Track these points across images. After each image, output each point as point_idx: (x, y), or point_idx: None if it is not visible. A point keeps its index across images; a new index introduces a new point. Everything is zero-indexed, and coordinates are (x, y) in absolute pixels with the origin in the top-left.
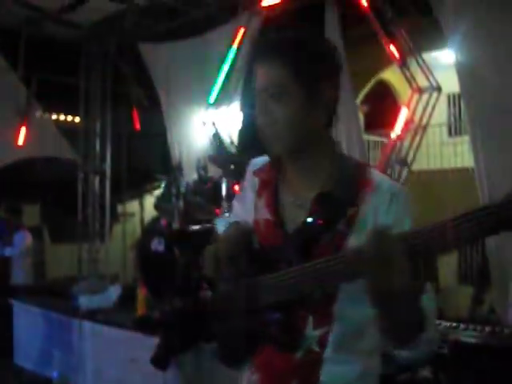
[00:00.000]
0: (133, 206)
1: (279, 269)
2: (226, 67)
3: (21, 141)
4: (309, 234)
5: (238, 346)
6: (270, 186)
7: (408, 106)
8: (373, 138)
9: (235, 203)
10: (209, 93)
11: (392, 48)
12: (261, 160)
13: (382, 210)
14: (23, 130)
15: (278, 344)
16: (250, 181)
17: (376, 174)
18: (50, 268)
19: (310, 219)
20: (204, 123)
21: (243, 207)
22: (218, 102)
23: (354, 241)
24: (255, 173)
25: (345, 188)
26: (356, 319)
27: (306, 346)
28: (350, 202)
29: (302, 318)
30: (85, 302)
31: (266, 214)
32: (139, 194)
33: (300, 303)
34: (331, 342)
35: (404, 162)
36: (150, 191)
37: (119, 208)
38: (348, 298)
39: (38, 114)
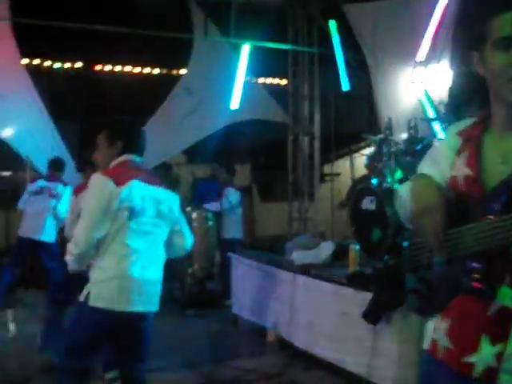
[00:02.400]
0: (339, 166)
1: (478, 221)
2: (434, 24)
3: (234, 105)
4: None
5: (440, 295)
6: (474, 146)
7: None
8: None
9: (425, 162)
10: (416, 51)
11: None
12: (464, 122)
13: None
14: (236, 94)
15: (476, 291)
16: (450, 141)
17: None
18: (259, 226)
19: None
20: (412, 82)
21: (434, 164)
22: (426, 60)
23: None
24: (459, 133)
25: None
26: None
27: (500, 301)
28: None
29: (502, 269)
30: (299, 257)
31: (466, 171)
32: (347, 154)
33: (502, 254)
34: None
35: None
36: (357, 151)
37: (326, 168)
38: None
39: (248, 78)
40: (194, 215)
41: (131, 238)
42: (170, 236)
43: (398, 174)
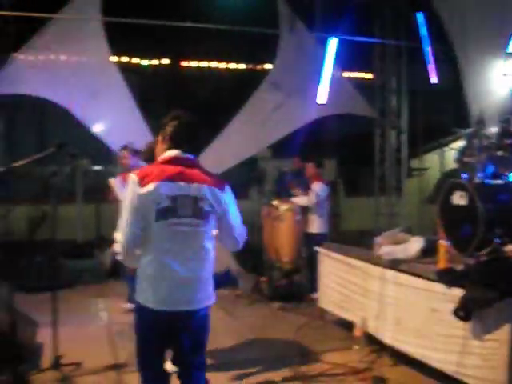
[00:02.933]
0: (427, 160)
1: None
2: None
3: (321, 99)
4: None
5: None
6: None
7: None
8: None
9: None
10: (506, 42)
11: None
12: None
13: None
14: (323, 89)
15: None
16: None
17: None
18: (344, 221)
19: None
20: (504, 74)
21: None
22: None
23: None
24: None
25: None
26: None
27: None
28: None
29: None
30: (388, 252)
31: None
32: (435, 148)
33: None
34: None
35: None
36: (446, 145)
37: (413, 163)
38: None
39: (335, 72)
40: (281, 209)
41: (162, 238)
42: (220, 230)
43: (490, 169)
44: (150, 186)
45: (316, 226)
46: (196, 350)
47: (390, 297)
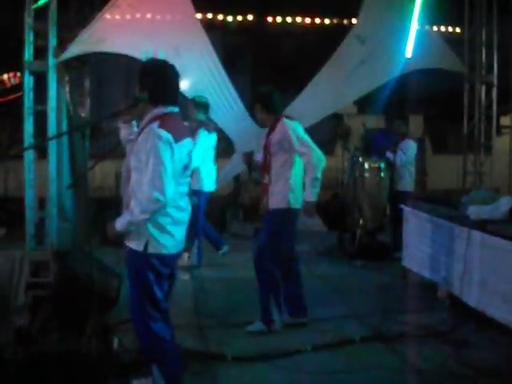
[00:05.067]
0: None
1: None
2: None
3: (408, 53)
4: None
5: None
6: None
7: None
8: None
9: None
10: None
11: None
12: None
13: None
14: (410, 43)
15: None
16: None
17: None
18: (431, 179)
19: None
20: None
21: None
22: None
23: None
24: None
25: None
26: None
27: None
28: None
29: None
30: (475, 212)
31: None
32: None
33: None
34: None
35: None
36: None
37: (503, 120)
38: None
39: (422, 26)
40: (366, 166)
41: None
42: None
43: None
44: (182, 143)
45: (403, 183)
46: None
47: (476, 258)
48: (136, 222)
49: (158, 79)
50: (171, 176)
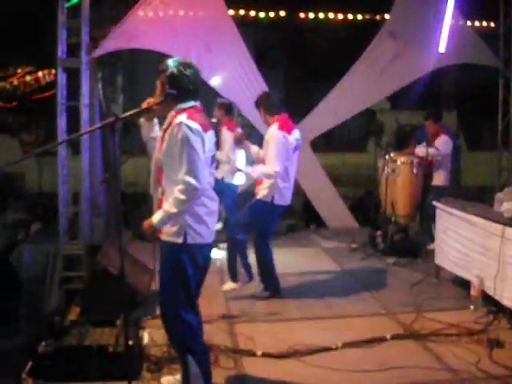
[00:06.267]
0: None
1: None
2: None
3: (441, 48)
4: None
5: None
6: None
7: None
8: None
9: None
10: None
11: None
12: None
13: None
14: (443, 37)
15: None
16: None
17: None
18: (465, 175)
19: None
20: None
21: None
22: None
23: None
24: None
25: None
26: None
27: None
28: None
29: None
30: (509, 208)
31: None
32: None
33: None
34: None
35: None
36: None
37: None
38: None
39: (456, 20)
40: (398, 162)
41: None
42: None
43: None
44: (209, 134)
45: (437, 179)
46: None
47: (510, 256)
48: (177, 214)
49: (182, 76)
50: (204, 165)
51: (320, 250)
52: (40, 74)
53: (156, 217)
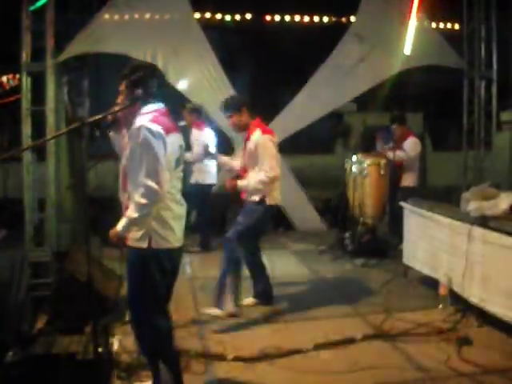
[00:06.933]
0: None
1: None
2: None
3: (408, 50)
4: None
5: None
6: None
7: None
8: None
9: None
10: None
11: None
12: None
13: None
14: (409, 40)
15: None
16: None
17: None
18: (432, 175)
19: None
20: None
21: None
22: None
23: None
24: None
25: None
26: None
27: None
28: None
29: None
30: (476, 207)
31: None
32: None
33: None
34: None
35: None
36: None
37: (504, 115)
38: None
39: (421, 22)
40: (365, 163)
41: (173, 183)
42: None
43: None
44: (172, 137)
45: (407, 179)
46: None
47: (477, 255)
48: (138, 219)
49: (147, 79)
50: (165, 168)
51: (289, 252)
52: (4, 78)
53: (120, 223)
